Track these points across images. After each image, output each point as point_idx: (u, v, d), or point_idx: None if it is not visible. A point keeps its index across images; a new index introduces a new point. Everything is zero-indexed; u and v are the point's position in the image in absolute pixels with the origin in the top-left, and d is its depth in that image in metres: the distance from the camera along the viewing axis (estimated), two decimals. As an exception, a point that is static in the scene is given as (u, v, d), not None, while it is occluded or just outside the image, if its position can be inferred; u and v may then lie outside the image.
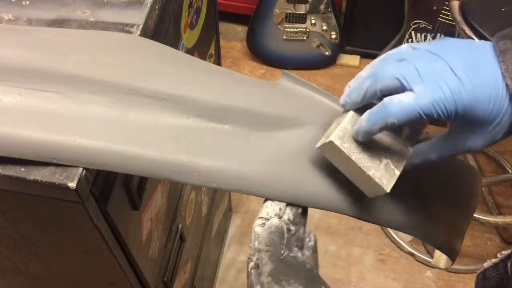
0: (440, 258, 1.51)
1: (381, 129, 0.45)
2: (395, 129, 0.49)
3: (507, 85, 0.41)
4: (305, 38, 1.97)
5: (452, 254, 0.63)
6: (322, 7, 1.89)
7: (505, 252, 0.57)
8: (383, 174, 0.49)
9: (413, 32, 1.72)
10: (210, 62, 1.07)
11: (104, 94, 0.52)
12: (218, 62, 1.15)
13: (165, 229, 0.86)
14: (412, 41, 1.74)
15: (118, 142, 0.50)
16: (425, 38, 1.71)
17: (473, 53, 0.43)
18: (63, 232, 0.63)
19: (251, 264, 0.48)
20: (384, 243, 1.63)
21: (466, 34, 1.04)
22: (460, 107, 0.41)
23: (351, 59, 2.10)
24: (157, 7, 0.65)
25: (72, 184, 0.49)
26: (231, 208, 1.65)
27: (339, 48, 2.04)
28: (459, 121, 0.43)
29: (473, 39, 1.02)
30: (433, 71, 0.42)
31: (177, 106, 0.53)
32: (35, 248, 0.67)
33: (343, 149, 0.47)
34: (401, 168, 0.49)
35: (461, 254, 0.65)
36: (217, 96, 0.54)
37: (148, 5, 0.63)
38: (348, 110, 0.49)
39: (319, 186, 0.52)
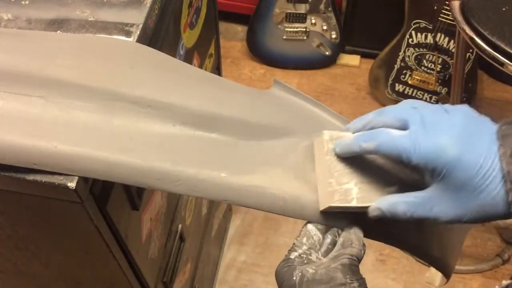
0: (436, 276, 1.50)
1: (361, 151, 0.46)
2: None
3: (503, 168, 0.41)
4: (305, 38, 1.97)
5: (447, 272, 0.62)
6: (322, 6, 1.89)
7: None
8: (335, 192, 0.47)
9: (413, 32, 1.72)
10: (210, 62, 1.06)
11: (88, 99, 0.51)
12: (218, 62, 1.15)
13: (165, 229, 0.86)
14: (412, 41, 1.74)
15: (101, 148, 0.48)
16: (426, 38, 1.71)
17: (477, 122, 0.44)
18: (62, 232, 0.63)
19: (295, 253, 0.47)
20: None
21: (467, 34, 1.04)
22: (443, 160, 0.42)
23: (351, 59, 2.10)
24: (156, 6, 0.64)
25: (72, 184, 0.49)
26: (231, 208, 1.65)
27: (339, 48, 2.04)
28: (438, 178, 0.43)
29: (473, 39, 1.02)
30: (434, 120, 0.44)
31: (163, 113, 0.51)
32: (34, 248, 0.67)
33: (324, 147, 0.48)
34: (354, 204, 0.47)
35: (461, 254, 0.65)
36: (205, 104, 0.53)
37: (148, 4, 0.62)
38: None
39: (307, 197, 0.51)
